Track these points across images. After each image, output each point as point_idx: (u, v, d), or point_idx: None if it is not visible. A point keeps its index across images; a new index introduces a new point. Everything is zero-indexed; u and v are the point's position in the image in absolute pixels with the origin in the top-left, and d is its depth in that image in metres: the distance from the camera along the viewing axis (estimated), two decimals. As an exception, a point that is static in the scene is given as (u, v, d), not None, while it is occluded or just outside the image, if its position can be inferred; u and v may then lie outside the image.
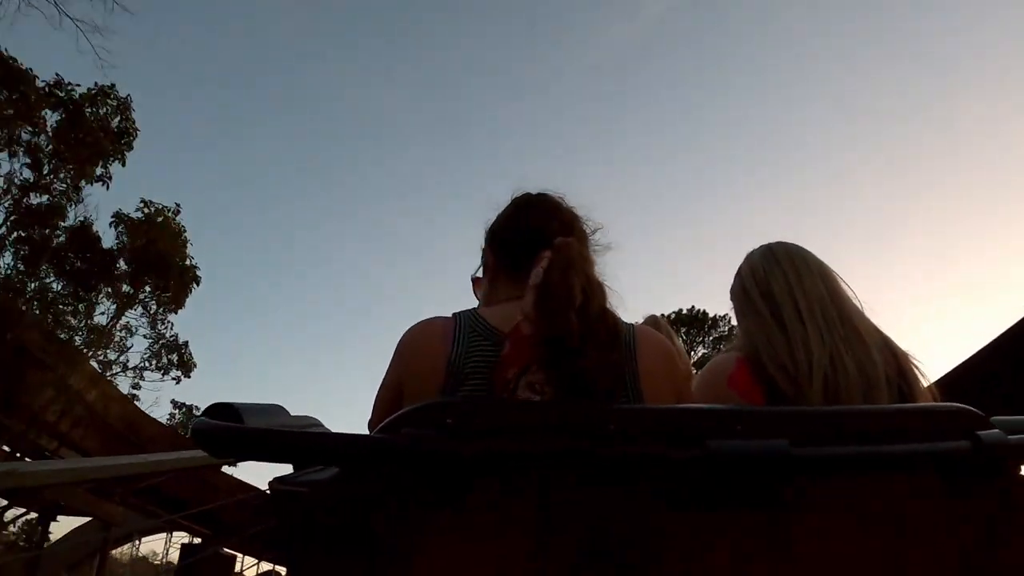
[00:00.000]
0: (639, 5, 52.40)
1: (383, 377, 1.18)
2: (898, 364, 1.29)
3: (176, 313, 21.18)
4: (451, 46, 53.91)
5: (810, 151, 52.09)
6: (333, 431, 0.85)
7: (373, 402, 1.18)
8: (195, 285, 20.52)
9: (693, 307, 39.03)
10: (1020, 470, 0.88)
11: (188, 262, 20.36)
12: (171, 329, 21.95)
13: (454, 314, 1.18)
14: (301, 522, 0.80)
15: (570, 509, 0.80)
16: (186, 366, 22.52)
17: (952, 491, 0.86)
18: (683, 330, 38.35)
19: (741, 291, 1.44)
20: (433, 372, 1.08)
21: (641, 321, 2.43)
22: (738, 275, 1.49)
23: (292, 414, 0.89)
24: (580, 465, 0.79)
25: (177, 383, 22.75)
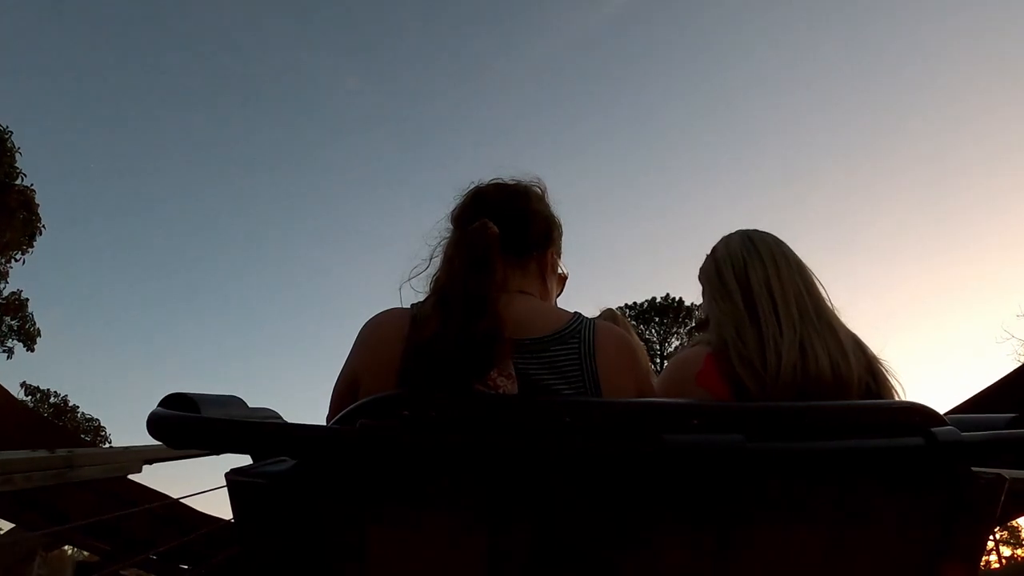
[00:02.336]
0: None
1: (341, 368, 1.25)
2: (869, 364, 1.37)
3: (20, 261, 17.01)
4: (411, 35, 55.19)
5: (781, 138, 54.18)
6: (291, 422, 0.94)
7: (331, 394, 1.25)
8: (39, 224, 16.30)
9: (668, 295, 39.53)
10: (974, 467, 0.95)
11: (19, 181, 16.09)
12: (6, 285, 17.88)
13: (412, 305, 1.27)
14: (259, 513, 0.87)
15: (524, 502, 0.86)
16: (28, 335, 18.93)
17: (907, 487, 0.93)
18: (656, 319, 38.86)
19: (716, 275, 1.50)
20: (388, 365, 1.15)
21: (597, 314, 2.57)
22: (713, 257, 1.55)
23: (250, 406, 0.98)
24: (534, 458, 0.84)
25: (9, 357, 18.93)
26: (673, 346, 38.61)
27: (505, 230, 1.28)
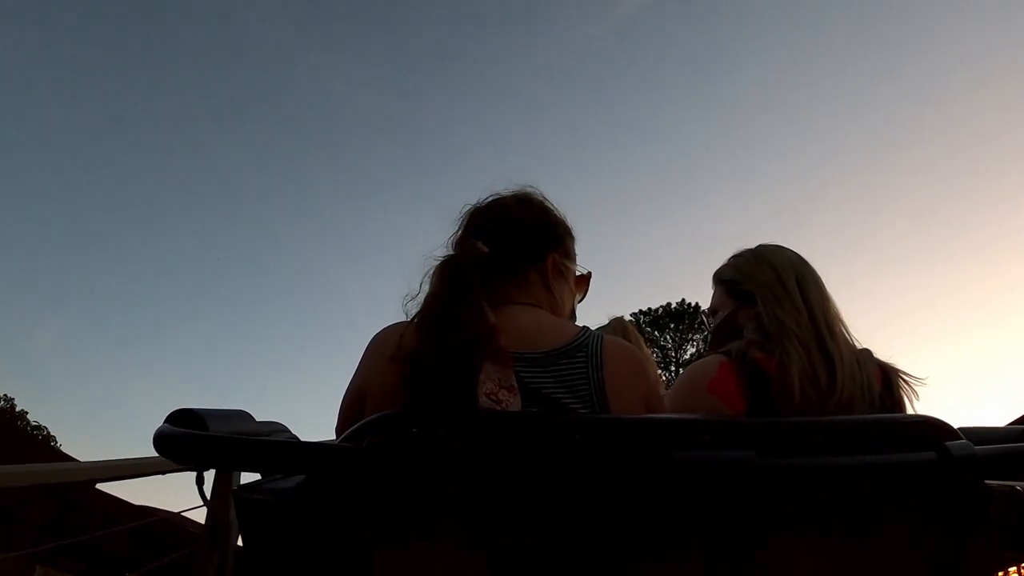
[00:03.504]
0: (611, 3, 55.57)
1: (348, 383, 1.30)
2: (883, 378, 1.45)
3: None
4: (420, 42, 56.06)
5: (797, 142, 55.03)
6: (300, 439, 0.97)
7: (339, 408, 1.30)
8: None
9: (683, 300, 39.51)
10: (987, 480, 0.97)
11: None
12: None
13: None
14: (266, 531, 0.89)
15: (531, 519, 0.88)
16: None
17: (920, 502, 0.95)
18: (671, 325, 38.81)
19: (778, 283, 1.54)
20: (393, 379, 1.18)
21: (606, 322, 2.62)
22: (768, 264, 1.59)
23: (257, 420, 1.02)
24: (544, 474, 0.87)
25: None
26: (688, 353, 38.59)
27: (495, 247, 1.35)
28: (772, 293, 1.54)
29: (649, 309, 40.05)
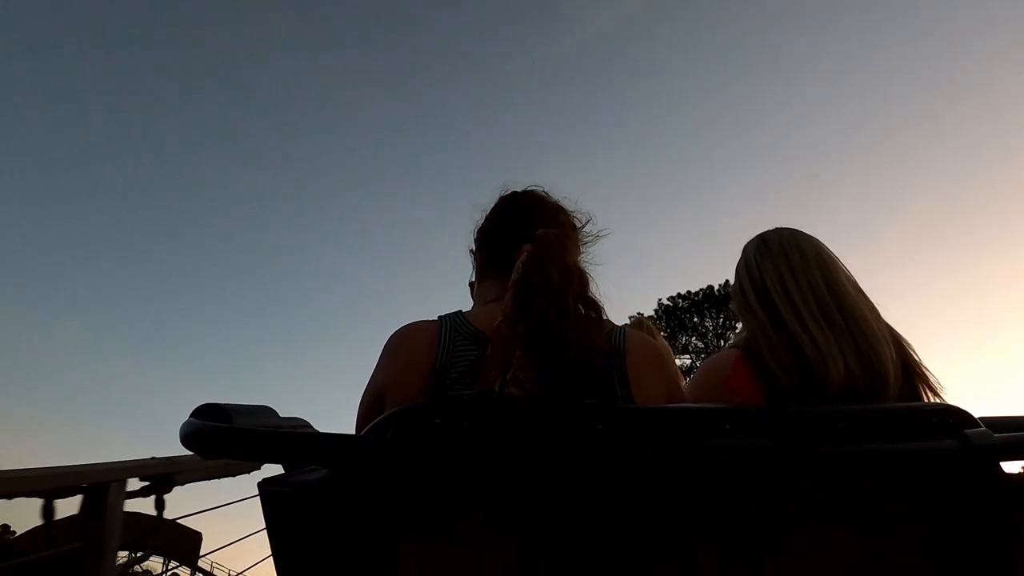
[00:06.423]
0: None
1: (368, 381, 1.35)
2: (904, 356, 1.46)
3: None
4: (429, 37, 56.56)
5: (827, 126, 54.99)
6: (323, 432, 1.03)
7: (358, 406, 1.35)
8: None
9: (727, 281, 39.14)
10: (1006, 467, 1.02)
11: None
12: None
13: (439, 317, 1.37)
14: (290, 523, 0.94)
15: (555, 509, 0.92)
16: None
17: (940, 490, 1.00)
18: (712, 311, 38.48)
19: (738, 288, 1.61)
20: (418, 377, 1.26)
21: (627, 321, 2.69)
22: (736, 270, 1.65)
23: (281, 415, 1.08)
24: (566, 465, 0.91)
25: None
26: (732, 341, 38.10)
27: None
28: (736, 299, 1.62)
29: (688, 292, 39.72)
